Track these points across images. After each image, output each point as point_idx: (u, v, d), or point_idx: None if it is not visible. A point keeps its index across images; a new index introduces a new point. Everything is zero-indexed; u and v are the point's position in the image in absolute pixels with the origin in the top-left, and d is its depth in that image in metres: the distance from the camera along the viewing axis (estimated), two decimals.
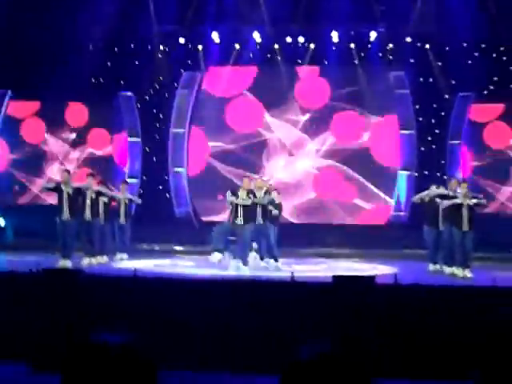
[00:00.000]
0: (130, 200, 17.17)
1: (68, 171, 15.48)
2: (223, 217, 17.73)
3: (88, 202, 15.54)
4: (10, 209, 21.24)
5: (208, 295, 10.05)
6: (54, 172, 21.52)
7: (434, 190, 15.01)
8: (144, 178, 21.46)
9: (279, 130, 21.23)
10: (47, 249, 16.91)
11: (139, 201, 17.50)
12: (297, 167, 21.10)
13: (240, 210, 14.39)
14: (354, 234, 19.49)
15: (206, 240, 16.50)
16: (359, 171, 20.73)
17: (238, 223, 14.41)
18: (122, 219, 16.83)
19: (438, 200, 14.73)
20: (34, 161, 22.00)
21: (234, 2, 20.07)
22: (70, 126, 21.90)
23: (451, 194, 14.46)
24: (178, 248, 18.95)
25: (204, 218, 20.82)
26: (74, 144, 21.91)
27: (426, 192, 15.14)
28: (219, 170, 21.25)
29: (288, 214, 19.98)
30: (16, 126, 22.05)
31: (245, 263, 14.40)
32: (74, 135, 21.92)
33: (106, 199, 15.95)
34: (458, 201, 14.01)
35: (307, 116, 21.07)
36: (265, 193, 15.06)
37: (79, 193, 15.14)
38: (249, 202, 14.41)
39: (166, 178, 21.48)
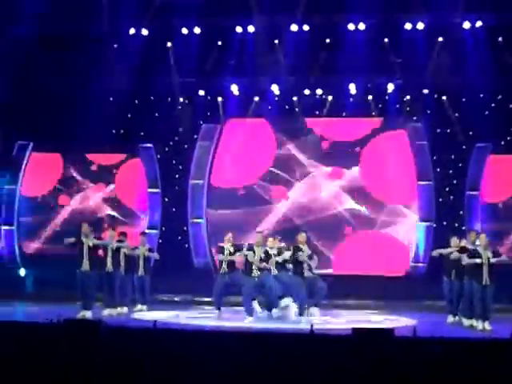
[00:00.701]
0: (149, 251, 17.28)
1: (88, 223, 15.67)
2: None
3: (109, 253, 15.71)
4: (31, 258, 21.39)
5: (227, 347, 10.06)
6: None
7: (455, 252, 14.99)
8: (163, 228, 21.56)
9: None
10: (67, 299, 17.03)
11: (157, 257, 17.56)
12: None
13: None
14: (372, 285, 19.44)
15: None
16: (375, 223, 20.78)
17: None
18: (141, 271, 16.93)
19: (456, 253, 14.76)
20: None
21: (252, 54, 20.34)
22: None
23: (471, 247, 14.50)
24: (197, 299, 18.98)
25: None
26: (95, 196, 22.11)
27: (448, 251, 15.14)
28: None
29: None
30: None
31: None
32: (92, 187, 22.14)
33: (126, 250, 16.12)
34: (478, 261, 14.02)
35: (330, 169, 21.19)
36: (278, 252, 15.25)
37: (100, 244, 15.32)
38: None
39: (185, 228, 21.57)
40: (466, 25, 19.17)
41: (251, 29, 19.90)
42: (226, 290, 15.65)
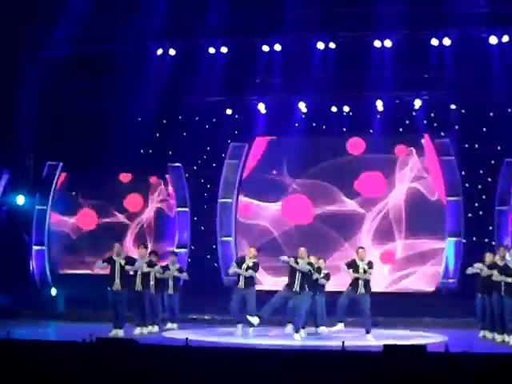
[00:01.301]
0: (179, 271, 17.37)
1: (120, 242, 15.84)
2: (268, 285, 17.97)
3: (139, 272, 15.83)
4: (62, 278, 21.55)
5: (259, 365, 10.09)
6: None
7: (485, 268, 14.99)
8: (192, 247, 21.64)
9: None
10: (98, 318, 17.15)
11: (187, 277, 17.62)
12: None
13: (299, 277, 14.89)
14: (402, 302, 19.35)
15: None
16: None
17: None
18: (171, 290, 17.03)
19: (486, 270, 14.77)
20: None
21: (279, 72, 20.42)
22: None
23: (501, 262, 14.48)
24: (227, 317, 18.98)
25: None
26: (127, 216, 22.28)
27: (479, 266, 15.08)
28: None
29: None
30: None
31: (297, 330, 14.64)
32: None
33: (156, 274, 16.23)
34: (509, 280, 13.98)
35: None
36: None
37: (131, 263, 15.45)
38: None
39: (214, 247, 21.64)
40: (493, 39, 19.12)
41: (278, 47, 19.98)
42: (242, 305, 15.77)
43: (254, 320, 15.15)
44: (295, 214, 21.45)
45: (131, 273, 15.81)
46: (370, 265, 15.36)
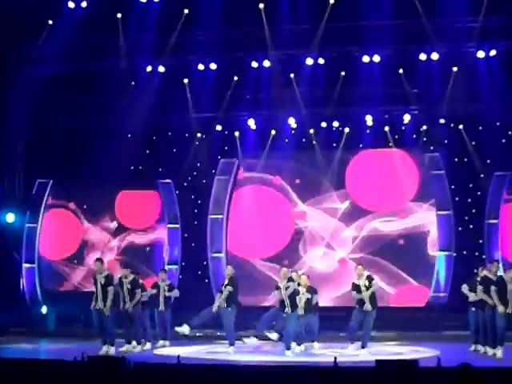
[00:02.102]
0: (170, 287, 17.32)
1: (101, 260, 15.81)
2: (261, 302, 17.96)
3: (125, 289, 15.78)
4: (52, 296, 21.46)
5: (250, 382, 10.07)
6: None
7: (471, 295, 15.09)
8: (183, 263, 21.59)
9: (315, 219, 21.37)
10: (89, 336, 17.07)
11: (177, 294, 17.56)
12: (334, 257, 21.15)
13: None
14: (393, 316, 19.32)
15: (243, 325, 16.67)
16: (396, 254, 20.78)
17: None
18: (162, 307, 16.98)
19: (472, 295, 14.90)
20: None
21: (268, 88, 20.47)
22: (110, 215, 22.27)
23: (494, 278, 14.55)
24: (218, 333, 18.93)
25: (243, 303, 20.77)
26: (115, 233, 22.23)
27: (479, 291, 15.04)
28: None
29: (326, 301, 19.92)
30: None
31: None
32: (114, 224, 22.25)
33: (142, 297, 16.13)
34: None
35: (347, 203, 21.21)
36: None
37: (111, 281, 15.36)
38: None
39: (205, 263, 21.60)
40: (480, 54, 19.22)
41: (267, 63, 20.04)
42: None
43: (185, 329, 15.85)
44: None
45: (117, 290, 15.73)
46: (370, 279, 15.34)
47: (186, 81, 20.79)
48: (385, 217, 20.94)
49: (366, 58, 19.64)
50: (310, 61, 19.86)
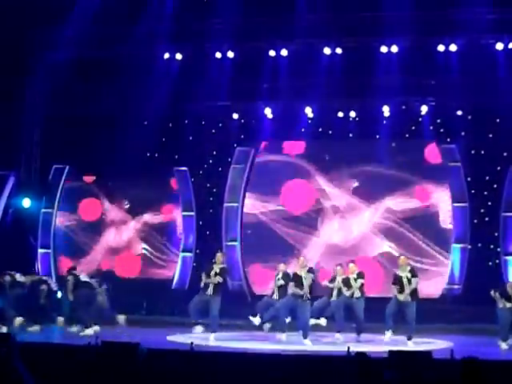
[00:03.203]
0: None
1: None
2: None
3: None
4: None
5: (263, 370, 10.10)
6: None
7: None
8: (197, 251, 21.63)
9: (334, 196, 21.40)
10: (103, 322, 17.14)
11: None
12: (352, 231, 21.20)
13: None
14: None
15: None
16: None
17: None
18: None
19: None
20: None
21: (286, 77, 20.42)
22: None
23: None
24: (232, 322, 18.96)
25: (257, 291, 20.83)
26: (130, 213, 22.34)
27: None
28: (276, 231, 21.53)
29: None
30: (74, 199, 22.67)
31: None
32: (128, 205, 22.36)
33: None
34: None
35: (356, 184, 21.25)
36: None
37: None
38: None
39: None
40: (499, 46, 19.13)
41: (284, 52, 20.02)
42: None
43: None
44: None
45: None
46: (413, 272, 15.34)
47: (203, 69, 20.76)
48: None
49: (383, 49, 19.58)
50: (327, 50, 19.83)
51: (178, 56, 20.60)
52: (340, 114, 20.95)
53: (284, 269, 16.76)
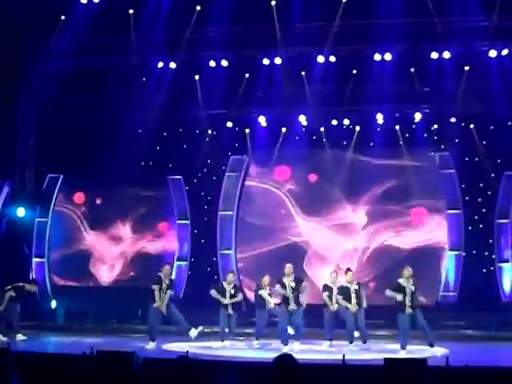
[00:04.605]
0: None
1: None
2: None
3: None
4: (62, 290, 21.53)
5: (258, 378, 10.07)
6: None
7: None
8: (192, 260, 21.63)
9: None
10: (98, 331, 17.11)
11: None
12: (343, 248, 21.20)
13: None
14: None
15: (254, 322, 16.71)
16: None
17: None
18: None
19: None
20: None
21: (279, 86, 20.44)
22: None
23: None
24: (226, 330, 18.94)
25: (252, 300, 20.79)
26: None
27: None
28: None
29: None
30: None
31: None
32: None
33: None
34: None
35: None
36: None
37: None
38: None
39: (214, 259, 21.63)
40: (492, 53, 19.17)
41: (278, 60, 20.03)
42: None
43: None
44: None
45: None
46: (413, 282, 15.24)
47: (197, 77, 20.79)
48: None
49: (377, 56, 19.60)
50: (321, 58, 19.84)
51: (172, 65, 20.60)
52: (334, 122, 20.96)
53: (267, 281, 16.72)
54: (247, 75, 20.56)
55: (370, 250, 21.02)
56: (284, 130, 21.30)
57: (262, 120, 21.22)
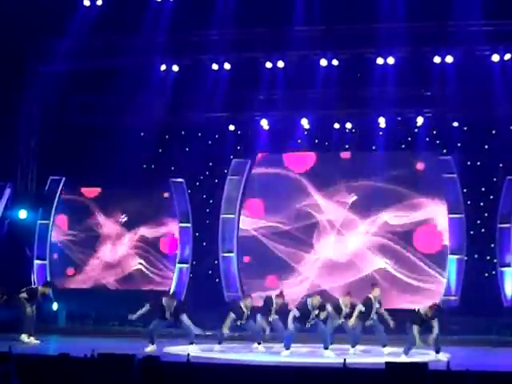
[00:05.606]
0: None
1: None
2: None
3: None
4: (63, 293, 21.51)
5: (259, 381, 10.07)
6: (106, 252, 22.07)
7: None
8: (194, 263, 21.62)
9: (329, 211, 21.37)
10: (99, 333, 17.11)
11: None
12: (347, 246, 21.18)
13: None
14: (403, 319, 19.23)
15: None
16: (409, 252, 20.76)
17: None
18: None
19: None
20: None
21: (282, 89, 20.46)
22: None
23: None
24: (228, 333, 18.91)
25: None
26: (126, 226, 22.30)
27: None
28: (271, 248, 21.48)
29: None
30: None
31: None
32: (125, 218, 22.31)
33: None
34: None
35: (354, 198, 21.20)
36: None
37: None
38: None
39: (216, 262, 21.62)
40: (495, 57, 19.17)
41: (281, 64, 20.04)
42: None
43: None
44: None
45: None
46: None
47: (199, 80, 20.78)
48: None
49: (380, 60, 19.61)
50: (324, 62, 19.86)
51: (175, 68, 20.62)
52: (336, 126, 20.95)
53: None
54: (250, 78, 20.51)
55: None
56: (286, 133, 21.24)
57: (265, 123, 21.20)
